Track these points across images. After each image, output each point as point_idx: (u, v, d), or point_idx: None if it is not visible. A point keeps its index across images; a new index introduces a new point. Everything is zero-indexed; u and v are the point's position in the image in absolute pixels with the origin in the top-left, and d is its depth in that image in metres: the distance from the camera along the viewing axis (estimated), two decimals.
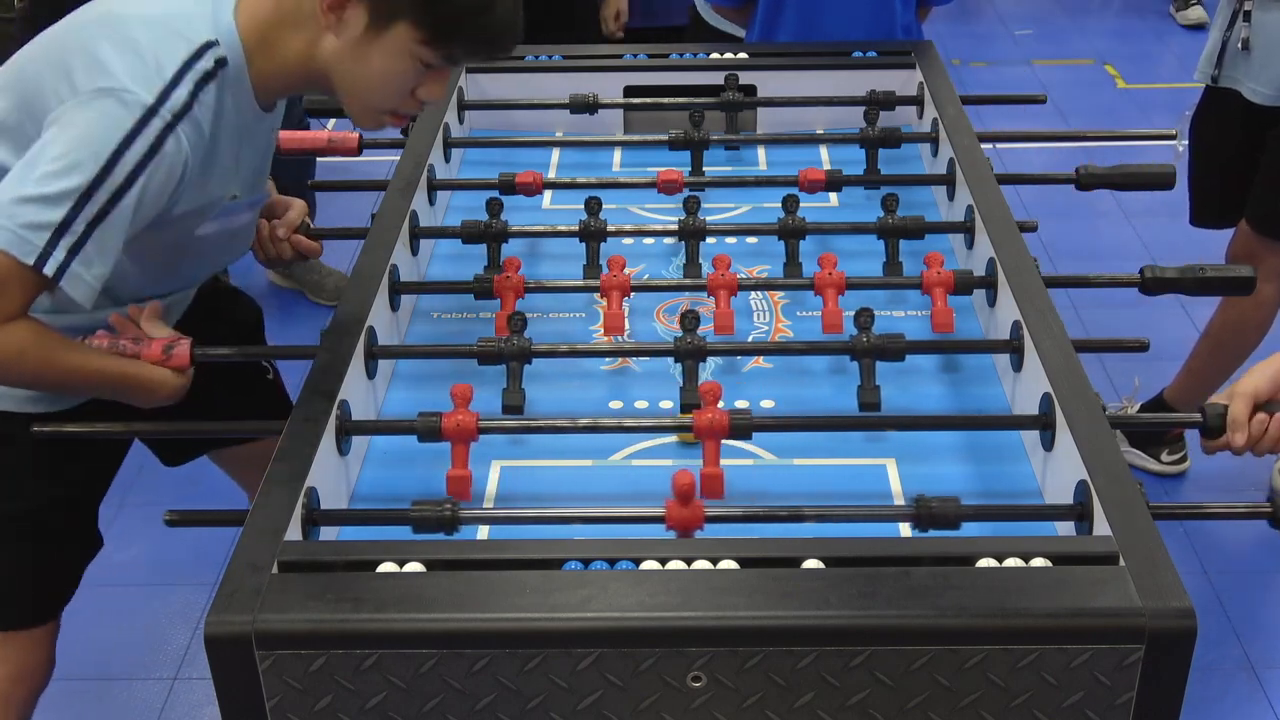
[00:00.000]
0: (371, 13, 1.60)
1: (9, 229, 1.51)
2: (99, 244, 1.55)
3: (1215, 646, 2.71)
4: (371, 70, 1.64)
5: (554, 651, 1.28)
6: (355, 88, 1.67)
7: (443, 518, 1.47)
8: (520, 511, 1.59)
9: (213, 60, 1.61)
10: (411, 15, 1.59)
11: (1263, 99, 2.85)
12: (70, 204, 1.52)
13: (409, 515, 1.48)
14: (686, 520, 1.47)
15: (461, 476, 1.60)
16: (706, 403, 1.61)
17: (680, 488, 1.45)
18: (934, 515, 1.47)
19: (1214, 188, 3.10)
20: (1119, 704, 1.28)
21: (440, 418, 1.60)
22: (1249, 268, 1.93)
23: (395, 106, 1.69)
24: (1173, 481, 3.23)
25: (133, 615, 2.83)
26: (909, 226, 2.08)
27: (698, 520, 1.47)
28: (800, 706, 1.30)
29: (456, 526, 1.48)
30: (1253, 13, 2.81)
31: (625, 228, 2.16)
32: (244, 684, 1.29)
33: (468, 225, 2.09)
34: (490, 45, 1.67)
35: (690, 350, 1.76)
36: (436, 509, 1.47)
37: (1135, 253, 4.02)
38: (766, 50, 2.80)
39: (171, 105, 1.56)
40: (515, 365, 1.75)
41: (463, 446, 1.61)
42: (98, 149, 1.53)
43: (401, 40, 1.60)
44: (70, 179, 1.52)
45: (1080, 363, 1.66)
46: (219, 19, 1.63)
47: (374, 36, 1.61)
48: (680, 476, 1.45)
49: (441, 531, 1.47)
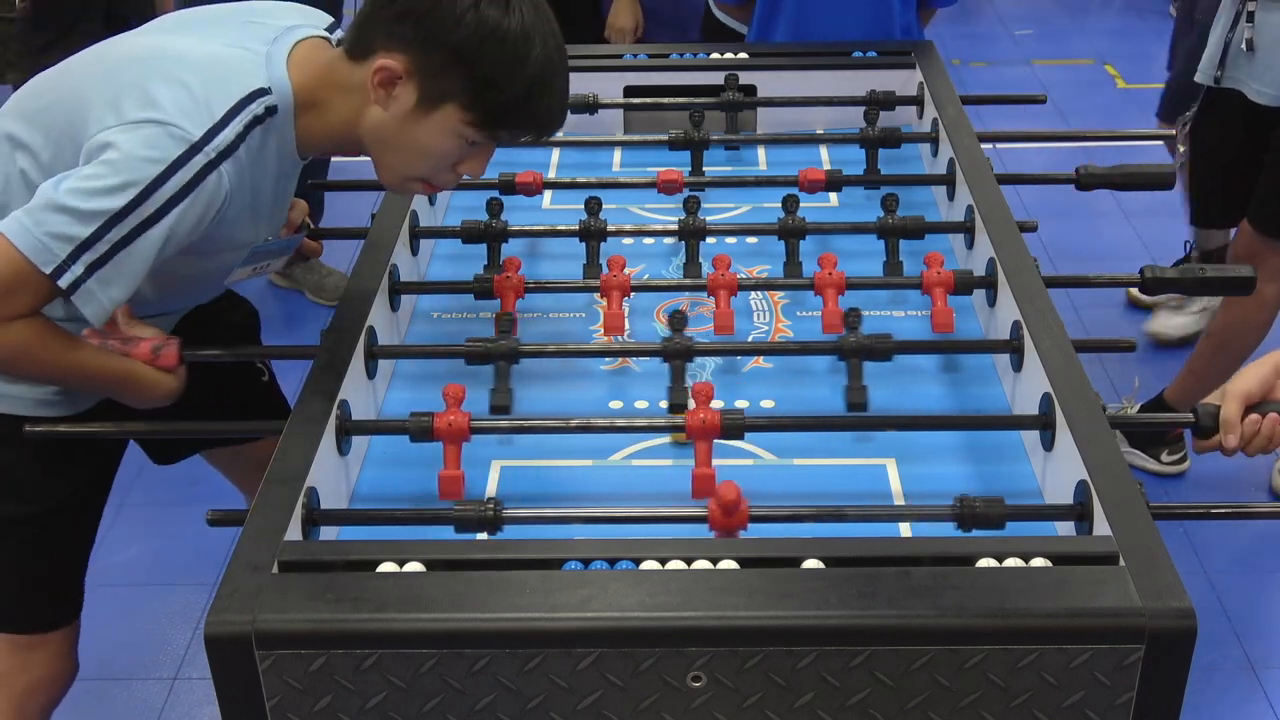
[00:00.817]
0: (421, 92, 1.60)
1: (34, 234, 1.52)
2: (119, 267, 1.55)
3: (1215, 646, 2.71)
4: (415, 144, 1.64)
5: (554, 651, 1.28)
6: (394, 159, 1.67)
7: (484, 517, 1.47)
8: (564, 511, 1.57)
9: (263, 107, 1.61)
10: (462, 99, 1.59)
11: (1267, 99, 2.85)
12: (99, 223, 1.52)
13: (449, 515, 1.49)
14: (730, 525, 1.48)
15: (454, 477, 1.60)
16: (698, 403, 1.61)
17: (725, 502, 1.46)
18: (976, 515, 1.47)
19: (1216, 188, 3.10)
20: (1119, 704, 1.29)
21: (432, 417, 1.60)
22: (1249, 268, 1.93)
23: (431, 178, 1.70)
24: (1173, 481, 3.23)
25: (133, 615, 2.83)
26: (909, 226, 2.08)
27: (742, 523, 1.48)
28: (800, 706, 1.30)
29: (500, 526, 1.48)
30: (1256, 13, 2.81)
31: (625, 228, 2.16)
32: (244, 684, 1.29)
33: (468, 225, 2.10)
34: (538, 129, 1.67)
35: (677, 350, 1.76)
36: (478, 509, 1.48)
37: (1135, 253, 4.02)
38: (766, 50, 2.80)
39: (218, 144, 1.56)
40: (504, 365, 1.75)
41: (455, 447, 1.61)
42: (137, 176, 1.53)
43: (450, 120, 1.60)
44: (105, 200, 1.52)
45: (1080, 363, 1.66)
46: (273, 70, 1.64)
47: (422, 115, 1.61)
48: (725, 489, 1.46)
49: (484, 531, 1.48)
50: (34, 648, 1.93)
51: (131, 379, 1.68)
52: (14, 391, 1.77)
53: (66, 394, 1.80)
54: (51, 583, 1.93)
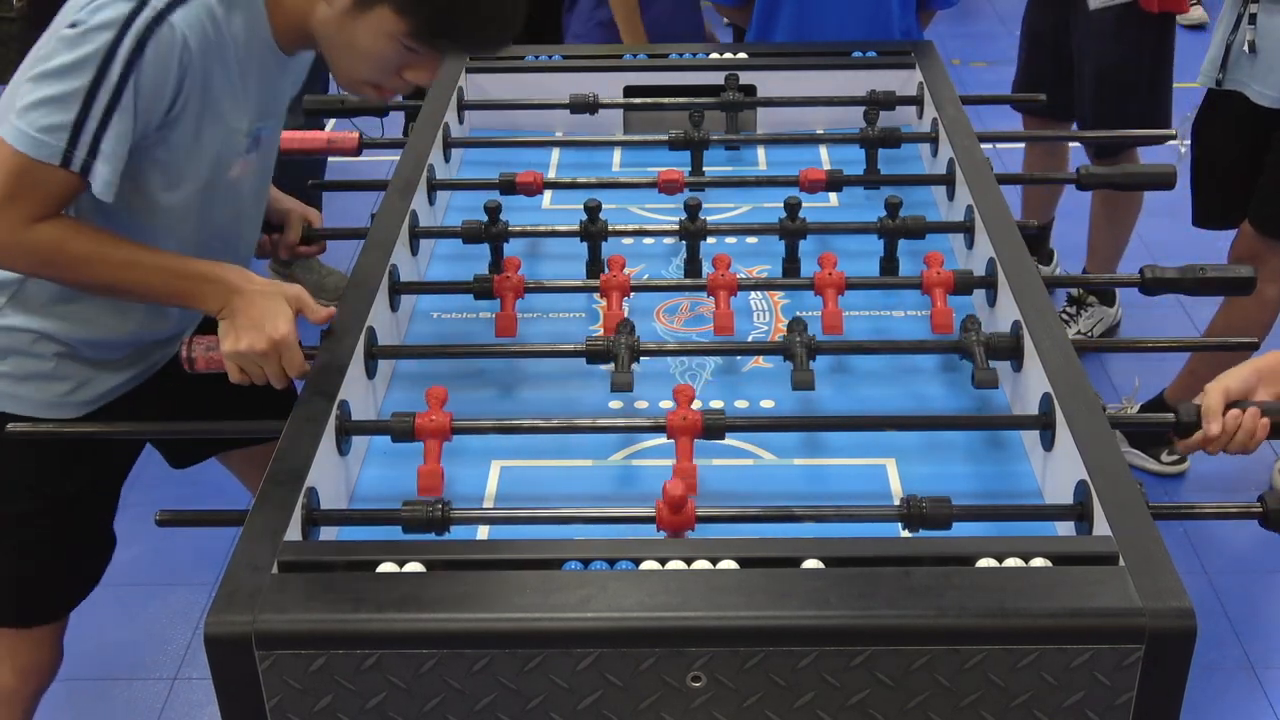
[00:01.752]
0: None
1: (29, 134, 1.54)
2: (112, 139, 1.56)
3: (1215, 646, 2.71)
4: (355, 45, 1.65)
5: (554, 651, 1.28)
6: (339, 58, 1.69)
7: (432, 518, 1.47)
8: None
9: None
10: (392, 3, 1.59)
11: (1269, 101, 2.86)
12: (80, 102, 1.54)
13: (399, 516, 1.49)
14: (677, 524, 1.48)
15: (432, 471, 1.60)
16: (679, 403, 1.62)
17: (671, 499, 1.46)
18: (925, 516, 1.47)
19: (1217, 189, 3.11)
20: (1119, 704, 1.28)
21: (414, 417, 1.61)
22: (1249, 268, 1.93)
23: (379, 82, 1.70)
24: (1173, 481, 3.23)
25: (133, 615, 2.83)
26: (909, 226, 2.08)
27: (688, 523, 1.48)
28: (800, 706, 1.30)
29: (447, 527, 1.48)
30: (1258, 16, 2.82)
31: (626, 228, 2.16)
32: (244, 684, 1.29)
33: (468, 225, 2.09)
34: (475, 43, 1.68)
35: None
36: (426, 509, 1.48)
37: (1135, 253, 4.02)
38: (766, 50, 2.80)
39: None
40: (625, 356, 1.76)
41: (435, 443, 1.62)
42: (94, 45, 1.54)
43: (384, 24, 1.61)
44: (74, 79, 1.54)
45: (1080, 363, 1.66)
46: None
47: (358, 15, 1.62)
48: (671, 486, 1.46)
49: (431, 532, 1.48)
50: (23, 638, 1.94)
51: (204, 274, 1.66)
52: (21, 391, 1.78)
53: (73, 396, 1.80)
54: (45, 580, 1.93)
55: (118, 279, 1.65)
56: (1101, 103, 3.37)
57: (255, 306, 1.64)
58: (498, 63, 2.66)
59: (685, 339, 1.97)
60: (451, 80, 2.55)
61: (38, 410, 1.78)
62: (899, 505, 1.49)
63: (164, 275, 1.66)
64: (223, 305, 1.66)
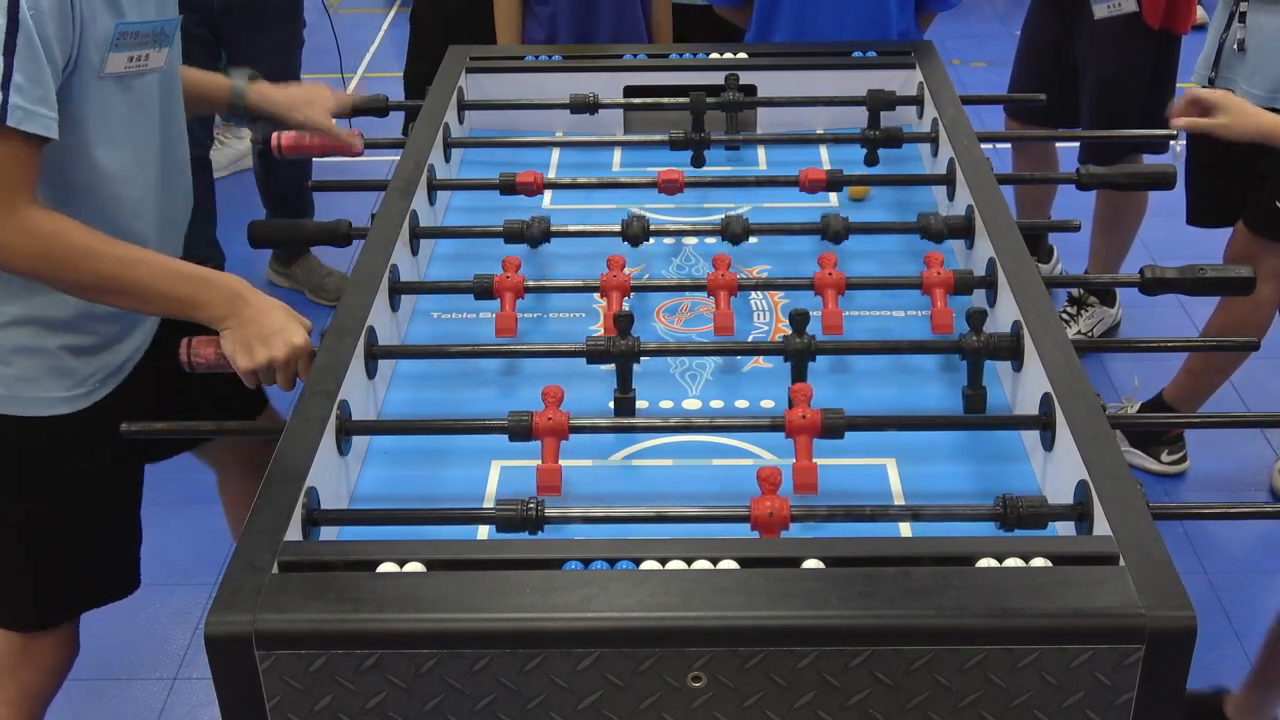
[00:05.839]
0: None
1: None
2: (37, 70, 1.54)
3: (1215, 646, 2.71)
4: None
5: (554, 651, 1.28)
6: None
7: (526, 517, 1.48)
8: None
9: None
10: None
11: (1258, 100, 2.85)
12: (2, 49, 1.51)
13: (492, 515, 1.50)
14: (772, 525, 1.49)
15: (552, 470, 1.60)
16: (797, 402, 1.62)
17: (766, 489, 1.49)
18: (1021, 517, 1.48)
19: (1212, 189, 3.11)
20: (1119, 704, 1.29)
21: (531, 416, 1.62)
22: (1248, 268, 1.93)
23: None
24: (1173, 481, 3.24)
25: (133, 615, 2.83)
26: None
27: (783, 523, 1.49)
28: (800, 706, 1.30)
29: (540, 526, 1.49)
30: (1248, 14, 2.82)
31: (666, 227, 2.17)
32: (244, 684, 1.29)
33: (510, 225, 2.09)
34: None
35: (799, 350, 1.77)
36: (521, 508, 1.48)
37: (1135, 253, 4.02)
38: (767, 50, 2.80)
39: None
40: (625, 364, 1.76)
41: (554, 441, 1.61)
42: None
43: None
44: None
45: (1080, 363, 1.66)
46: None
47: None
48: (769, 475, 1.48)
49: (525, 531, 1.49)
50: (46, 639, 1.94)
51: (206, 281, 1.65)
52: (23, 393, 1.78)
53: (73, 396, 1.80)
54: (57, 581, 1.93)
55: (119, 275, 1.64)
56: (1103, 110, 3.38)
57: (268, 316, 1.66)
58: (498, 63, 2.67)
59: (685, 339, 1.97)
60: (452, 80, 2.55)
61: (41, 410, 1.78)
62: (995, 505, 1.49)
63: (166, 275, 1.66)
64: (229, 314, 1.66)
